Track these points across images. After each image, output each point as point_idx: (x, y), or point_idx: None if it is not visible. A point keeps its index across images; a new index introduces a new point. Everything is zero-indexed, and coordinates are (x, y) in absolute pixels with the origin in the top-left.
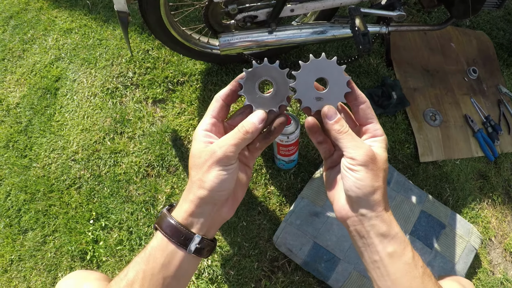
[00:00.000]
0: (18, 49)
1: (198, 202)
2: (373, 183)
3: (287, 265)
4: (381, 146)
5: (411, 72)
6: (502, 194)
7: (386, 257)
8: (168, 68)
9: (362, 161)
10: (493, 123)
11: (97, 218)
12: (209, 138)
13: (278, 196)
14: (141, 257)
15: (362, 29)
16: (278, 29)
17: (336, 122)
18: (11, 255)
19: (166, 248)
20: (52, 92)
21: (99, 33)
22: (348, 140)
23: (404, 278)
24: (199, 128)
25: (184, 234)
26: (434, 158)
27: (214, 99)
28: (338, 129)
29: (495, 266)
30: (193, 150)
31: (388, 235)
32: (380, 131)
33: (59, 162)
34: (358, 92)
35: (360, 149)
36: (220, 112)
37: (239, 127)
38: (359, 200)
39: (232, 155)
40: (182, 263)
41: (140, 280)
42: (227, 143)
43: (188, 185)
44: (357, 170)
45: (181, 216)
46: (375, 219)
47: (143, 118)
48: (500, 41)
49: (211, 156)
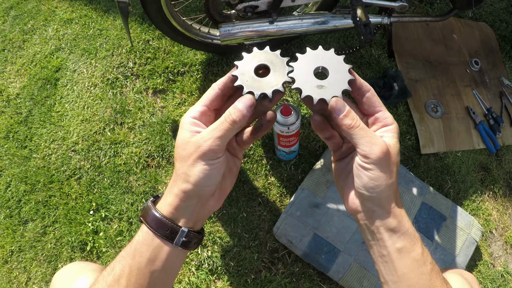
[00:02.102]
0: (18, 40)
1: (182, 196)
2: (387, 181)
3: (287, 257)
4: (393, 136)
5: (413, 63)
6: (503, 187)
7: (394, 252)
8: (168, 58)
9: (377, 159)
10: (495, 115)
11: (97, 209)
12: (195, 127)
13: (279, 187)
14: (127, 252)
15: (363, 19)
16: (279, 19)
17: (346, 116)
18: (11, 246)
19: (152, 242)
20: (52, 83)
21: (100, 23)
22: (361, 135)
23: (412, 273)
24: (187, 114)
25: (170, 228)
26: (436, 149)
27: (211, 88)
28: (349, 124)
29: (495, 258)
30: (178, 139)
31: (398, 231)
32: (391, 119)
33: (59, 152)
34: (361, 80)
35: (374, 145)
36: (213, 101)
37: (226, 116)
38: (372, 198)
39: (217, 148)
40: (169, 257)
41: (127, 275)
42: (212, 136)
43: (173, 177)
44: (371, 168)
45: (166, 209)
46: (386, 215)
47: (144, 109)
48: (503, 33)
49: (196, 150)
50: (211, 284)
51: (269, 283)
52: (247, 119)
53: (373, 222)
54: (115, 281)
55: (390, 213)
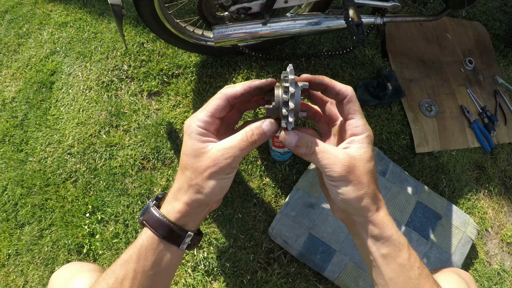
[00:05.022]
0: (14, 43)
1: (193, 204)
2: (356, 193)
3: (282, 257)
4: (361, 146)
5: (407, 63)
6: (498, 185)
7: (379, 258)
8: (163, 60)
9: (339, 177)
10: (489, 114)
11: (93, 212)
12: (206, 137)
13: (274, 188)
14: (130, 255)
15: (356, 20)
16: (272, 21)
17: (298, 147)
18: (8, 250)
19: (157, 247)
20: (48, 86)
21: (94, 26)
22: (319, 159)
23: (399, 278)
24: (193, 123)
25: (177, 233)
26: (430, 149)
27: (219, 98)
28: (304, 153)
29: (491, 256)
30: (187, 147)
31: (381, 238)
32: (361, 128)
33: (55, 156)
34: (340, 85)
35: (333, 165)
36: (221, 112)
37: (248, 135)
38: (347, 209)
39: (235, 165)
40: (173, 259)
41: (131, 278)
42: (233, 154)
43: (180, 183)
44: (337, 185)
45: (174, 216)
46: (366, 224)
47: (138, 111)
48: (496, 32)
49: (214, 165)
50: (207, 285)
51: (265, 284)
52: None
53: (356, 229)
54: (118, 283)
55: (370, 222)
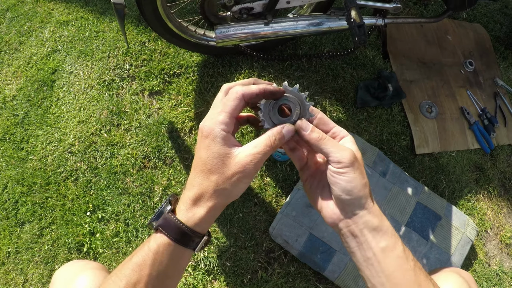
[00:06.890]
0: (15, 42)
1: (216, 207)
2: (361, 180)
3: (283, 257)
4: (353, 143)
5: (408, 64)
6: (498, 186)
7: (379, 253)
8: (164, 60)
9: (349, 162)
10: (489, 116)
11: (94, 210)
12: (230, 141)
13: (274, 188)
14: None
15: (357, 21)
16: (274, 21)
17: (312, 132)
18: (8, 248)
19: (173, 252)
20: (49, 85)
21: (96, 25)
22: (330, 145)
23: (398, 272)
24: (217, 127)
25: (195, 239)
26: (430, 150)
27: (237, 97)
28: (317, 137)
29: (491, 257)
30: (213, 154)
31: (381, 229)
32: (345, 131)
33: (56, 154)
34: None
35: (343, 151)
36: (239, 112)
37: (271, 141)
38: (352, 201)
39: (259, 168)
40: (185, 260)
41: (145, 282)
42: (260, 159)
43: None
44: (346, 172)
45: (194, 222)
46: (368, 215)
47: (140, 110)
48: (496, 34)
49: (242, 170)
50: (207, 285)
51: (266, 283)
52: None
53: (357, 224)
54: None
55: (371, 212)
